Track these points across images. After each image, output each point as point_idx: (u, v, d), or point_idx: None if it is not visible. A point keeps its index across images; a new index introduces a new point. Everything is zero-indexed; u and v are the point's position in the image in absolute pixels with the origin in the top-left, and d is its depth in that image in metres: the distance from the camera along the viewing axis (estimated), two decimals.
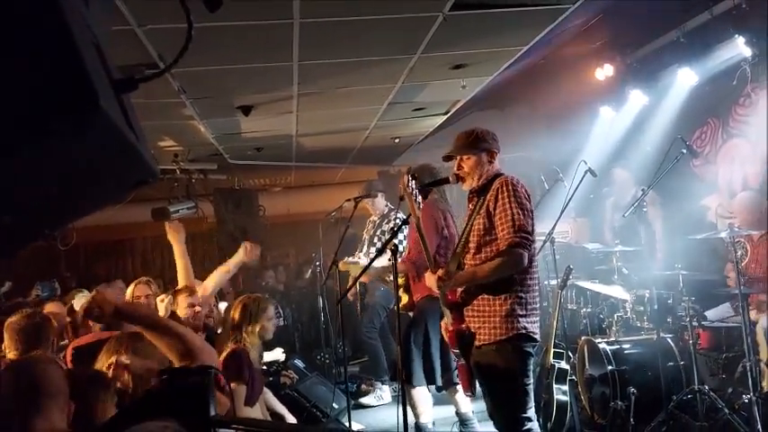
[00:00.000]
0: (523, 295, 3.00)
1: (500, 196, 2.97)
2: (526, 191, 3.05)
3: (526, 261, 2.94)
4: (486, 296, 3.00)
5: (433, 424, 4.53)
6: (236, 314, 3.76)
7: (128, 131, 1.22)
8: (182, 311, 3.72)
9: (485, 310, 3.00)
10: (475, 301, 3.03)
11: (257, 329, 3.72)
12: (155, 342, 2.19)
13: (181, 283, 4.19)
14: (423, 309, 4.23)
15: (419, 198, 3.14)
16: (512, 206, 2.93)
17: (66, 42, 0.99)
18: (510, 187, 2.97)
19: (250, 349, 3.70)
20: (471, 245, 3.07)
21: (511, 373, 2.99)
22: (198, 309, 3.79)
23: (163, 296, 3.84)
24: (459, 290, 3.11)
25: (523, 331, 2.97)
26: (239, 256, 4.21)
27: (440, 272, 3.01)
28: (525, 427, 2.98)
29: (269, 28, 3.45)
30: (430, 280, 3.09)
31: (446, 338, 3.30)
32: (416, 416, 4.37)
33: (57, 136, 0.99)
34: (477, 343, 3.04)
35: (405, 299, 4.37)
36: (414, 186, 3.14)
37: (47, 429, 1.95)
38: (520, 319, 2.97)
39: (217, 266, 4.80)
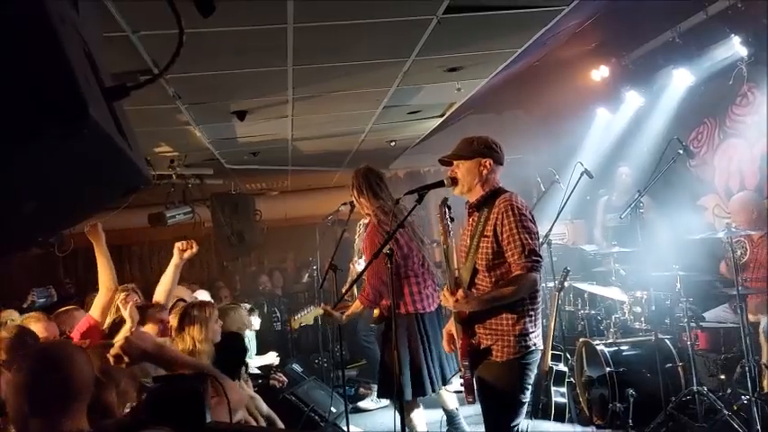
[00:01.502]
0: (533, 312, 3.03)
1: (506, 221, 2.96)
2: (530, 211, 3.06)
3: (539, 281, 2.99)
4: (499, 315, 3.00)
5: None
6: (179, 321, 3.67)
7: (119, 138, 1.21)
8: (152, 328, 3.68)
9: (497, 329, 3.00)
10: (488, 319, 3.03)
11: (208, 334, 3.67)
12: None
13: (104, 285, 4.12)
14: (396, 325, 4.14)
15: (450, 225, 3.11)
16: (519, 231, 2.93)
17: (54, 49, 0.98)
18: (516, 211, 2.97)
19: (199, 353, 3.62)
20: (480, 266, 3.05)
21: (512, 388, 3.01)
22: (163, 326, 3.76)
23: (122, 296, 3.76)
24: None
25: (533, 347, 3.02)
26: (174, 259, 4.16)
27: (459, 293, 2.96)
28: None
29: (263, 33, 3.44)
30: (446, 300, 3.05)
31: (446, 347, 3.30)
32: (411, 429, 4.31)
33: (46, 144, 0.99)
34: (485, 358, 3.04)
35: (375, 312, 4.33)
36: (448, 215, 3.11)
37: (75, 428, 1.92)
38: (531, 336, 3.00)
39: (215, 271, 4.83)
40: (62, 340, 3.03)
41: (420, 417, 4.23)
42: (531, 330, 3.00)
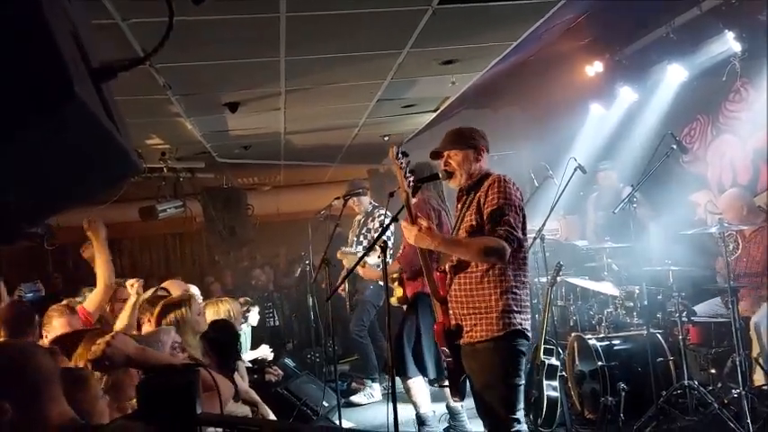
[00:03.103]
0: (518, 292, 2.99)
1: (490, 192, 2.96)
2: (518, 189, 3.05)
3: (508, 255, 2.89)
4: (481, 293, 2.97)
5: (434, 412, 4.54)
6: (163, 320, 3.63)
7: (107, 121, 1.18)
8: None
9: (480, 306, 2.97)
10: (469, 298, 3.00)
11: (192, 327, 3.62)
12: None
13: (102, 281, 4.10)
14: (414, 303, 4.26)
15: (408, 174, 3.10)
16: (500, 201, 2.93)
17: (40, 28, 0.95)
18: (502, 184, 2.97)
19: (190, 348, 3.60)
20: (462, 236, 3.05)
21: (504, 371, 2.96)
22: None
23: (133, 281, 3.79)
24: (454, 286, 3.07)
25: (519, 327, 2.96)
26: (97, 239, 4.09)
27: (423, 222, 2.92)
28: (514, 429, 2.96)
29: (255, 23, 3.41)
30: (408, 231, 2.99)
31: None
32: (416, 407, 4.41)
33: (30, 124, 0.96)
34: (469, 340, 3.00)
35: (399, 292, 4.38)
36: (402, 160, 3.09)
37: (59, 415, 1.88)
38: (516, 315, 2.96)
39: (206, 266, 4.86)
40: (11, 340, 3.00)
41: (422, 387, 4.29)
42: (515, 309, 2.95)
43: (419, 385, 4.37)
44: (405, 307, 4.41)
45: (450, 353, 3.10)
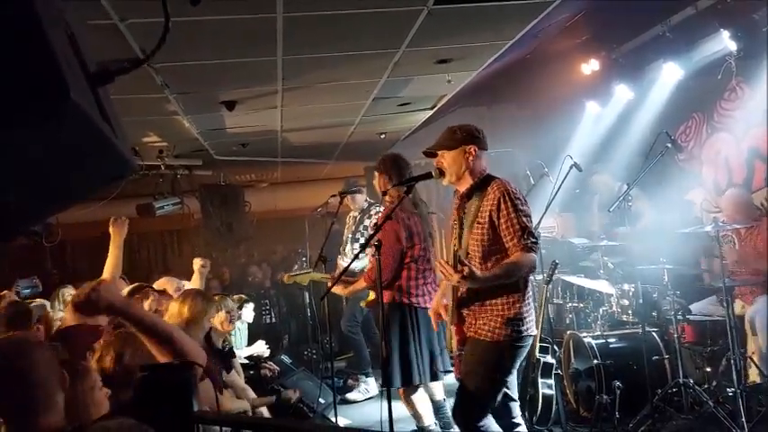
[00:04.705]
0: (528, 297, 3.09)
1: (503, 206, 2.98)
2: (519, 191, 3.09)
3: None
4: (497, 299, 3.04)
5: (436, 423, 4.44)
6: (185, 312, 3.58)
7: (102, 124, 1.20)
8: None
9: (493, 310, 3.04)
10: (483, 301, 3.06)
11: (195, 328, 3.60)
12: (146, 342, 2.15)
13: (105, 276, 4.15)
14: (387, 314, 4.13)
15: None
16: (518, 215, 2.97)
17: (36, 32, 0.97)
18: (511, 196, 3.00)
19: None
20: (475, 253, 3.07)
21: (494, 369, 3.05)
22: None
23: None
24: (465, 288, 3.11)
25: (525, 333, 3.06)
26: (117, 237, 4.30)
27: (466, 269, 2.87)
28: (480, 423, 3.04)
29: (252, 22, 3.42)
30: (450, 277, 2.93)
31: (434, 326, 3.46)
32: (418, 419, 4.27)
33: (27, 129, 0.97)
34: (475, 336, 3.08)
35: (371, 295, 4.36)
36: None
37: (49, 424, 1.89)
38: (524, 321, 3.05)
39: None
40: (17, 335, 3.00)
41: (421, 399, 4.24)
42: (525, 316, 3.05)
43: (415, 395, 4.21)
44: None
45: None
